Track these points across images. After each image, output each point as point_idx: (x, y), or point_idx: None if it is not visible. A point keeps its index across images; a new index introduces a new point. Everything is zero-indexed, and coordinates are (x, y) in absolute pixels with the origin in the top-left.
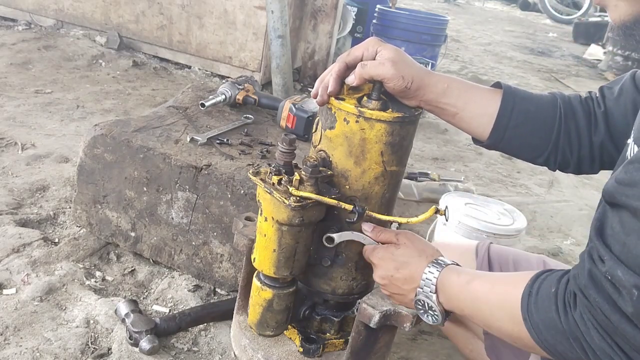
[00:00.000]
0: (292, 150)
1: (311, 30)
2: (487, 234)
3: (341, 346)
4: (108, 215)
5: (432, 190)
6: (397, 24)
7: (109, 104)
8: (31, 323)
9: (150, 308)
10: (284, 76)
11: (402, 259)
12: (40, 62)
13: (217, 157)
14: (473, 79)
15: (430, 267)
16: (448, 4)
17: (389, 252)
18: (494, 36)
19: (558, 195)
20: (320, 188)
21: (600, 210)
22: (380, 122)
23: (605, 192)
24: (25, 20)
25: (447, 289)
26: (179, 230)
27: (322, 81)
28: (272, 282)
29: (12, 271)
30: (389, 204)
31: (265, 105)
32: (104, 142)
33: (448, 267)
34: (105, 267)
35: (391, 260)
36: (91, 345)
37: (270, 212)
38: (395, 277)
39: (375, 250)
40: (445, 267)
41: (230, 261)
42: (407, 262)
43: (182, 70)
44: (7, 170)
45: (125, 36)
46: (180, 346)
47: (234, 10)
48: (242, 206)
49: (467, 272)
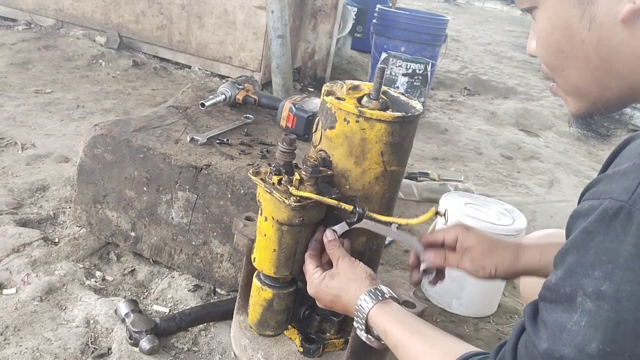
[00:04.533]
0: (292, 150)
1: (311, 30)
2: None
3: (341, 346)
4: (108, 215)
5: (432, 190)
6: (397, 24)
7: (109, 104)
8: (31, 323)
9: (150, 308)
10: (284, 76)
11: (335, 292)
12: (40, 62)
13: (217, 157)
14: (473, 79)
15: (366, 296)
16: (448, 4)
17: (323, 285)
18: (494, 36)
19: (558, 195)
20: (321, 188)
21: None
22: (380, 122)
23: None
24: (25, 20)
25: (375, 325)
26: (179, 230)
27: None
28: (272, 282)
29: (12, 271)
30: (389, 204)
31: (265, 105)
32: (104, 142)
33: (379, 303)
34: (105, 267)
35: (326, 293)
36: (91, 345)
37: (271, 212)
38: (335, 307)
39: (311, 282)
40: (377, 303)
41: (230, 261)
42: (339, 296)
43: (182, 70)
44: (7, 170)
45: (125, 36)
46: (180, 346)
47: (234, 10)
48: (242, 206)
49: (393, 314)
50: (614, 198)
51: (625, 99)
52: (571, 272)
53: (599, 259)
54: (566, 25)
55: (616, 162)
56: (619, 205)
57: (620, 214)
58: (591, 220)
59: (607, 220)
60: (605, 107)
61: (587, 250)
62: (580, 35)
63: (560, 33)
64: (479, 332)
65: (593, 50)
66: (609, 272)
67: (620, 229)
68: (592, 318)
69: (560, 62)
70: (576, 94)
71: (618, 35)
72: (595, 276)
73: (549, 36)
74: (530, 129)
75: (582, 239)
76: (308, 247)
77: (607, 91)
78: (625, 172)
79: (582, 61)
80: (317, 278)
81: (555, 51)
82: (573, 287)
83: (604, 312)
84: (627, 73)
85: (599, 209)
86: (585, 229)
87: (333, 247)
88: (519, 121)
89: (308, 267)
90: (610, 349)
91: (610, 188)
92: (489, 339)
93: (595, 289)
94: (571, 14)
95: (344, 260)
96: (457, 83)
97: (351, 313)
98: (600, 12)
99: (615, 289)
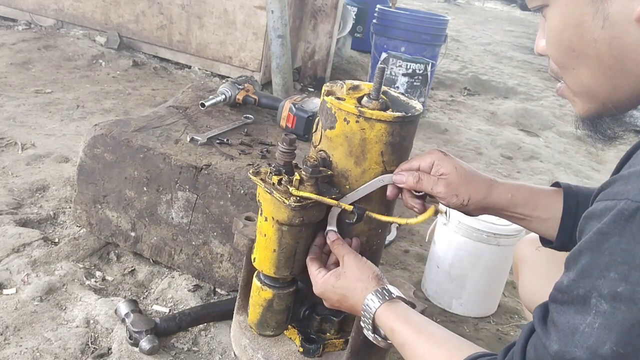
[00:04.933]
0: (292, 150)
1: (311, 30)
2: (487, 234)
3: (341, 346)
4: (108, 215)
5: None
6: (397, 24)
7: (109, 104)
8: (31, 323)
9: (150, 308)
10: (284, 76)
11: (342, 292)
12: (40, 62)
13: (217, 157)
14: (473, 79)
15: (372, 296)
16: (448, 4)
17: (329, 285)
18: (494, 36)
19: None
20: (321, 188)
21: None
22: (380, 122)
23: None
24: (25, 20)
25: (381, 324)
26: (179, 230)
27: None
28: (272, 282)
29: (12, 271)
30: (389, 204)
31: (265, 105)
32: (104, 142)
33: (386, 302)
34: (105, 267)
35: (332, 293)
36: (91, 345)
37: (271, 212)
38: (342, 307)
39: (316, 282)
40: (384, 302)
41: (230, 261)
42: (346, 295)
43: (182, 70)
44: (7, 170)
45: (125, 36)
46: (180, 346)
47: (234, 10)
48: (242, 206)
49: (400, 313)
50: (630, 199)
51: (636, 99)
52: (585, 273)
53: (615, 260)
54: (578, 23)
55: (631, 162)
56: (636, 206)
57: (637, 215)
58: (606, 221)
59: (622, 221)
60: (616, 107)
61: (602, 251)
62: (592, 33)
63: (573, 31)
64: (479, 332)
65: (605, 49)
66: (625, 273)
67: (637, 230)
68: (607, 320)
69: (571, 61)
70: (586, 94)
71: (632, 34)
72: (611, 277)
73: (560, 34)
74: (530, 129)
75: (596, 240)
76: (309, 252)
77: (618, 91)
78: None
79: (594, 60)
80: (321, 278)
81: (567, 49)
82: (587, 289)
83: (619, 313)
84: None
85: (614, 210)
86: (600, 230)
87: (337, 245)
88: (519, 121)
89: (311, 270)
90: (624, 351)
91: (625, 189)
92: (489, 339)
93: (611, 290)
94: (584, 12)
95: (350, 257)
96: (457, 83)
97: (358, 312)
98: (614, 11)
99: (632, 290)
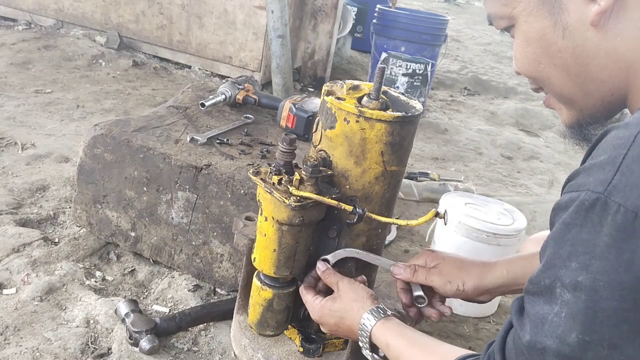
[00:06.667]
0: (292, 150)
1: (311, 30)
2: (487, 234)
3: (341, 346)
4: (108, 215)
5: (432, 190)
6: (397, 23)
7: (109, 104)
8: (31, 323)
9: (150, 308)
10: (284, 76)
11: (339, 314)
12: (40, 62)
13: (217, 157)
14: (473, 79)
15: (368, 314)
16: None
17: (326, 309)
18: (494, 36)
19: (558, 195)
20: (321, 188)
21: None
22: (380, 122)
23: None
24: (25, 20)
25: (378, 340)
26: (179, 230)
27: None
28: (272, 281)
29: (12, 271)
30: (389, 204)
31: (265, 105)
32: (104, 142)
33: (382, 320)
34: (105, 267)
35: (330, 316)
36: (91, 345)
37: (271, 211)
38: (339, 331)
39: (313, 308)
40: (380, 320)
41: (230, 261)
42: (344, 317)
43: (182, 70)
44: (7, 170)
45: (125, 36)
46: (180, 346)
47: (234, 10)
48: (242, 206)
49: (394, 329)
50: (590, 190)
51: (608, 105)
52: (549, 264)
53: (576, 250)
54: (540, 36)
55: (594, 154)
56: (595, 197)
57: (597, 206)
58: (569, 212)
59: (583, 211)
60: (591, 115)
61: (564, 242)
62: (555, 44)
63: (536, 44)
64: (479, 332)
65: (570, 57)
66: (586, 262)
67: (597, 220)
68: (571, 309)
69: (540, 73)
70: (564, 102)
71: (591, 40)
72: (572, 267)
73: (525, 49)
74: (530, 129)
75: (560, 231)
76: (303, 281)
77: (590, 98)
78: (601, 164)
79: (562, 70)
80: (318, 304)
81: (533, 62)
82: (552, 279)
83: (581, 302)
84: (606, 78)
85: (576, 201)
86: (563, 221)
87: (328, 275)
88: (519, 121)
89: (307, 298)
90: (589, 339)
91: (587, 180)
92: (489, 339)
93: (572, 280)
94: (544, 25)
95: (344, 282)
96: (457, 83)
97: (355, 334)
98: (571, 20)
99: (592, 279)
